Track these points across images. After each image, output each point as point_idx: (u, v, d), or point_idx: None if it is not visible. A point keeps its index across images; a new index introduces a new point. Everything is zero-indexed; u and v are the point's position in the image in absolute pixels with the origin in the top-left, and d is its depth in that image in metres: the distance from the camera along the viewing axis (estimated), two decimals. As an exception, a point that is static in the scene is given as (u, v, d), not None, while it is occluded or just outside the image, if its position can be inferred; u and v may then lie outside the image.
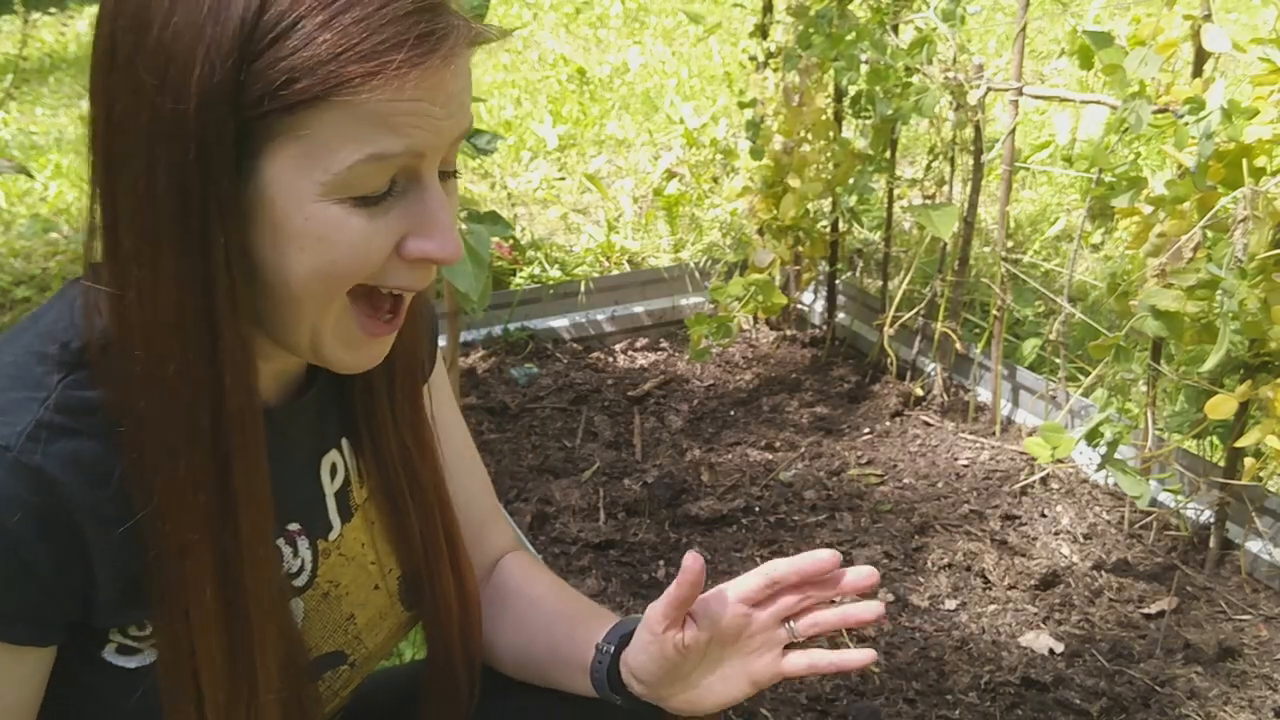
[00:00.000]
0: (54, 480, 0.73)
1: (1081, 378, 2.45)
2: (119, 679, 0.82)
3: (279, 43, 0.69)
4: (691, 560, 0.86)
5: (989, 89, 2.27)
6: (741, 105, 2.81)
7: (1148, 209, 1.89)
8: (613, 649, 0.96)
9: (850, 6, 2.45)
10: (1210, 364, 1.72)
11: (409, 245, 0.77)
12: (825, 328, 2.92)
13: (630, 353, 2.92)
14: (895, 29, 2.38)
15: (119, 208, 0.74)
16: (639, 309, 3.05)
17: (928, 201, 2.46)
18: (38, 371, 0.76)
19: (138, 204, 0.72)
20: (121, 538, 0.76)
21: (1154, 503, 2.10)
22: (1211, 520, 2.01)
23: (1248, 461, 1.87)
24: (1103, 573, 2.01)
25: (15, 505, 0.72)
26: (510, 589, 1.09)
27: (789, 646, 0.93)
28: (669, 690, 0.93)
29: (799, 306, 3.03)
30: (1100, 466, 1.99)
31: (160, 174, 0.71)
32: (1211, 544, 2.00)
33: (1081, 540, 2.09)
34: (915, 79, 2.28)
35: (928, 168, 2.49)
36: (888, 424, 2.53)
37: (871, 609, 0.90)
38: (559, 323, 2.98)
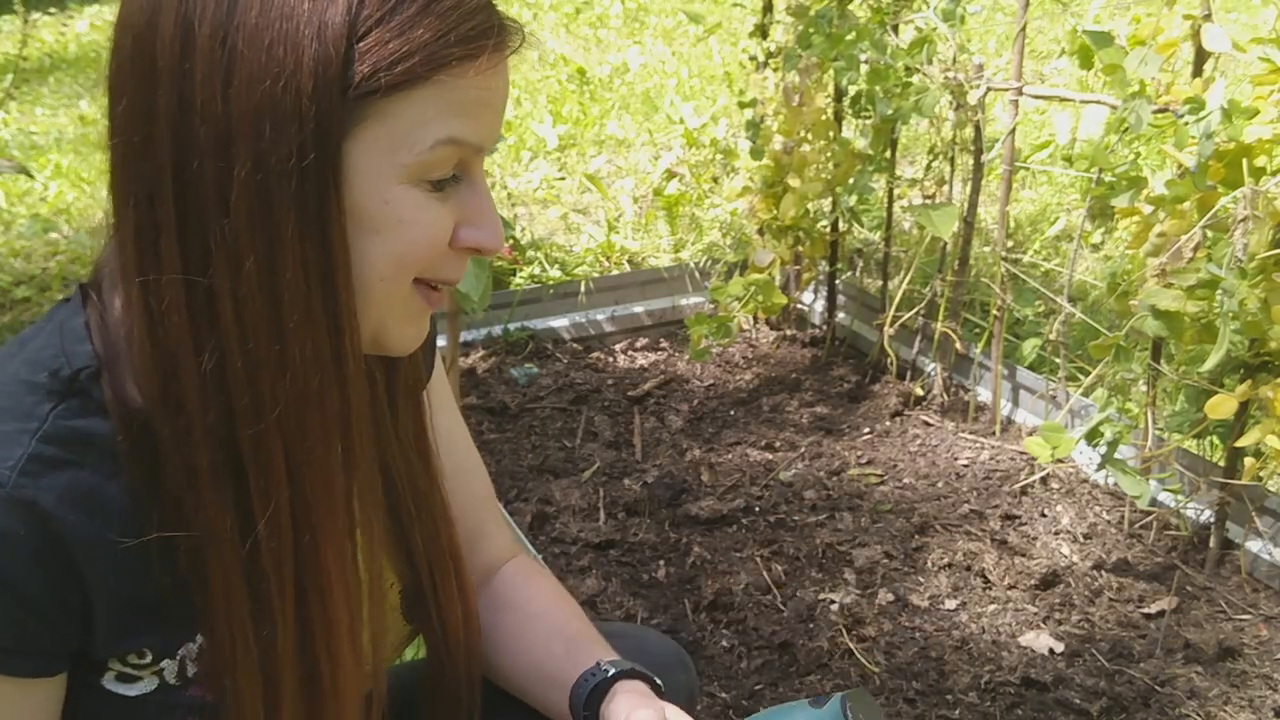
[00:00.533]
0: (48, 514, 0.72)
1: (1081, 378, 2.45)
2: (121, 707, 0.81)
3: (384, 23, 0.70)
4: None
5: (989, 89, 2.27)
6: (741, 105, 2.81)
7: (1148, 209, 1.89)
8: (611, 673, 0.94)
9: (850, 6, 2.45)
10: (1210, 364, 1.72)
11: (462, 235, 0.79)
12: (825, 328, 2.92)
13: (630, 353, 2.92)
14: (895, 29, 2.38)
15: (202, 200, 0.70)
16: (639, 309, 3.05)
17: (928, 201, 2.46)
18: (27, 402, 0.74)
19: (244, 193, 0.70)
20: (123, 569, 0.75)
21: (1154, 503, 2.10)
22: (1211, 520, 2.01)
23: (1248, 461, 1.87)
24: (1103, 572, 2.01)
25: (10, 541, 0.71)
26: (510, 601, 1.08)
27: None
28: None
29: (799, 306, 3.03)
30: (1100, 466, 1.99)
31: (272, 161, 0.69)
32: (1211, 544, 2.00)
33: (1081, 540, 2.09)
34: (915, 79, 2.28)
35: (928, 168, 2.49)
36: (888, 424, 2.53)
37: None
38: (559, 323, 2.98)
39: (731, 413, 2.62)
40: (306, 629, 0.79)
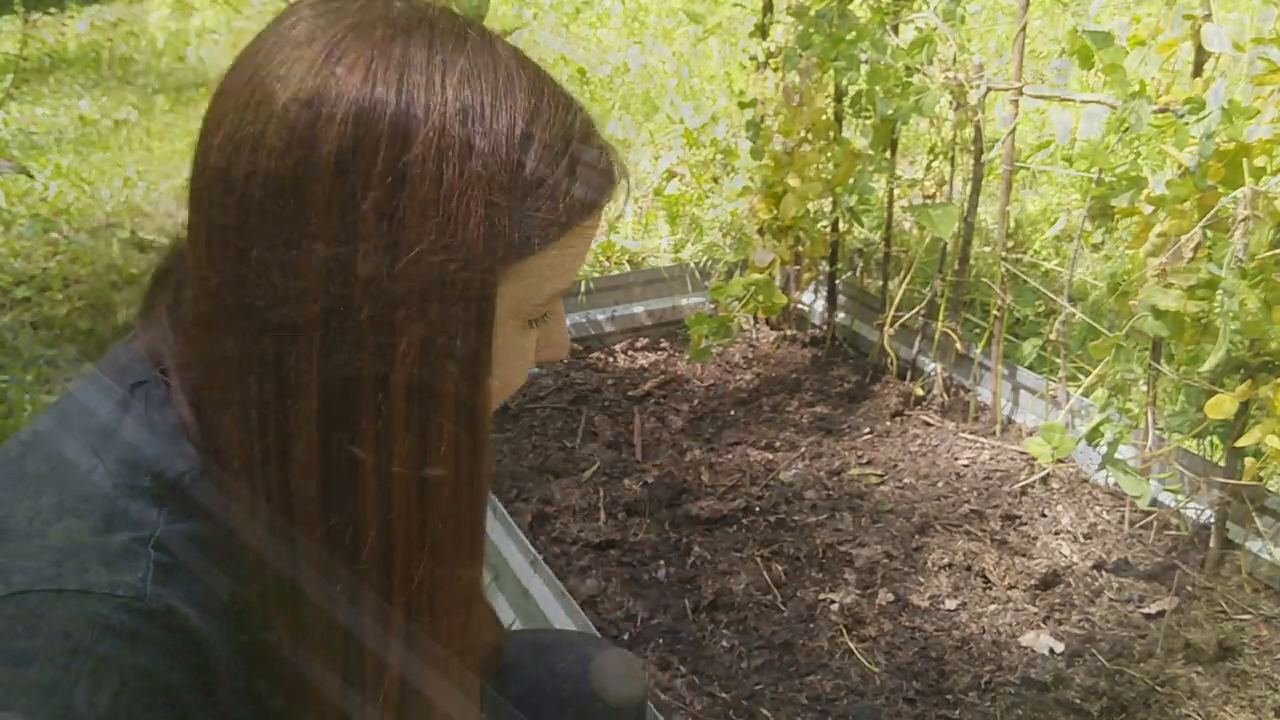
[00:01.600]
0: (185, 618, 0.69)
1: (1081, 378, 2.45)
2: None
3: (537, 190, 0.70)
4: None
5: (989, 89, 2.27)
6: (741, 105, 2.81)
7: (1148, 209, 1.89)
8: None
9: (850, 6, 2.44)
10: (1210, 364, 1.72)
11: (540, 350, 0.82)
12: (825, 328, 2.92)
13: (630, 353, 2.92)
14: (895, 29, 2.38)
15: (351, 373, 0.68)
16: (639, 309, 3.05)
17: (928, 201, 2.46)
18: (134, 508, 0.71)
19: (404, 371, 0.67)
20: (233, 680, 0.73)
21: (1154, 502, 2.10)
22: (1211, 520, 2.01)
23: (1248, 461, 1.87)
24: (1103, 572, 2.01)
25: (171, 653, 0.68)
26: None
27: None
28: None
29: (799, 306, 3.03)
30: (1100, 466, 1.99)
31: (439, 341, 0.68)
32: (1211, 544, 2.00)
33: (1082, 540, 2.09)
34: (915, 79, 2.28)
35: (928, 168, 2.49)
36: (888, 424, 2.53)
37: None
38: (559, 323, 2.98)
39: (732, 413, 2.62)
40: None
